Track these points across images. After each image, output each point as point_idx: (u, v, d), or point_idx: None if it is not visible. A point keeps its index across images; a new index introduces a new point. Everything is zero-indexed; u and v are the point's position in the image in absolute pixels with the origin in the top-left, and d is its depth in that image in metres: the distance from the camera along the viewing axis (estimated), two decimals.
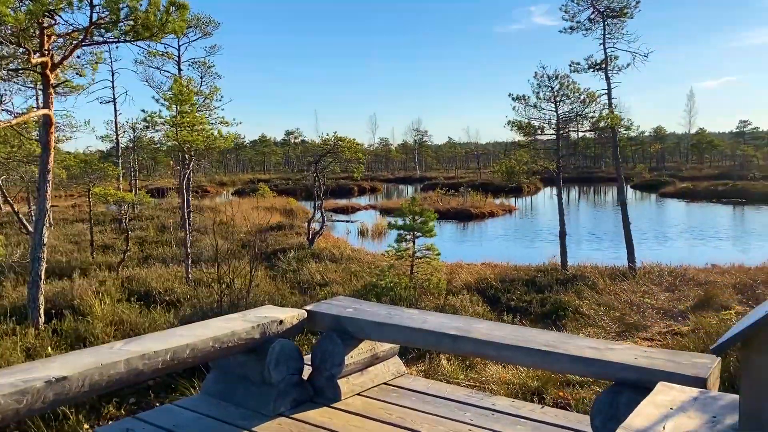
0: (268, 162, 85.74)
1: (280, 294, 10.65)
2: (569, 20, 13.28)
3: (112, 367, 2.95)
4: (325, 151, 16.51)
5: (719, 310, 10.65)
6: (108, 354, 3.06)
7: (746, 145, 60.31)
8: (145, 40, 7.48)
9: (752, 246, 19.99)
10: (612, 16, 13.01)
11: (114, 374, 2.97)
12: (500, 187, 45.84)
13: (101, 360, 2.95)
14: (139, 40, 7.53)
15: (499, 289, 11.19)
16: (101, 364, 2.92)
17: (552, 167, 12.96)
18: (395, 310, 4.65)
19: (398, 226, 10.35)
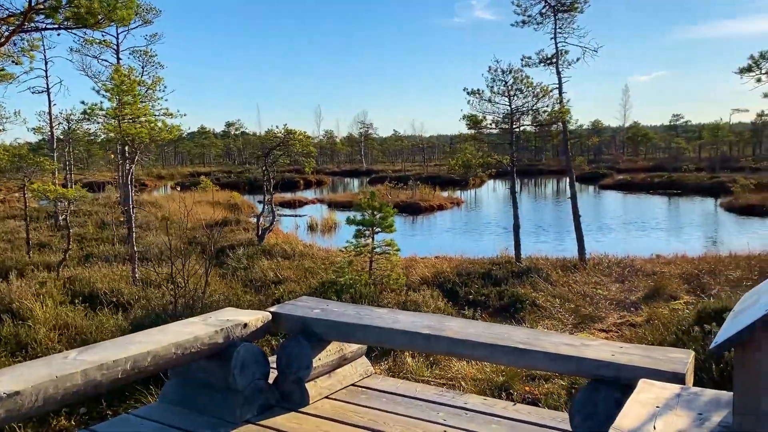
0: (208, 154, 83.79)
1: (234, 294, 10.31)
2: (521, 14, 13.37)
3: (67, 379, 2.71)
4: (274, 144, 16.12)
5: (669, 300, 10.96)
6: (62, 365, 2.82)
7: (679, 137, 62.78)
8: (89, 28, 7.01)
9: (691, 236, 20.77)
10: (563, 10, 13.15)
11: (70, 387, 2.73)
12: (447, 180, 46.24)
13: (55, 372, 2.71)
14: (82, 27, 7.06)
15: (456, 283, 11.17)
16: (56, 376, 2.68)
17: (506, 161, 13.03)
18: (364, 310, 4.51)
19: (357, 221, 10.16)
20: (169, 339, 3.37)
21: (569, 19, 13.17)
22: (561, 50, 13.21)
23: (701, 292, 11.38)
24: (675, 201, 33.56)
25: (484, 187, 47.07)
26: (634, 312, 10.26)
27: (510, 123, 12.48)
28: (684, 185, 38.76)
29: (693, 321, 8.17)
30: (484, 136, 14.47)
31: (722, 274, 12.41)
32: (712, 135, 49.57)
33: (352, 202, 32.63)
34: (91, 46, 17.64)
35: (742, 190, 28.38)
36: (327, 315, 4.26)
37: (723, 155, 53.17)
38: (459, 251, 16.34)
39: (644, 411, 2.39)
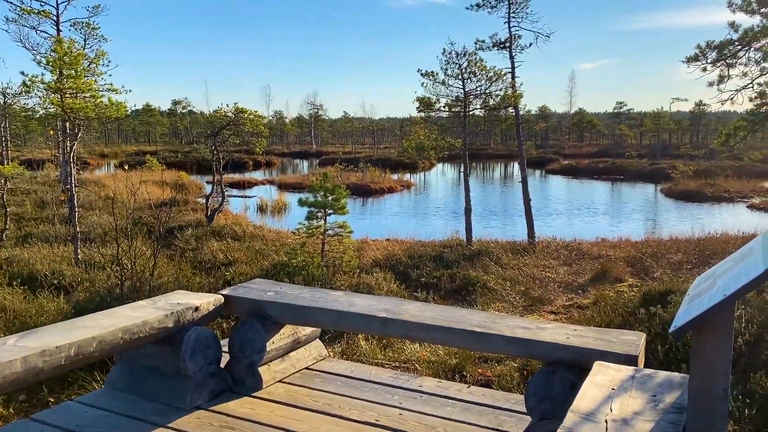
0: (154, 133, 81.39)
1: (183, 276, 10.05)
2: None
3: (6, 366, 2.58)
4: (224, 124, 15.72)
5: (614, 283, 11.28)
6: (1, 351, 2.68)
7: (623, 125, 64.57)
8: None
9: (633, 221, 21.43)
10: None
11: (9, 375, 2.60)
12: (397, 163, 46.28)
13: None
14: None
15: (408, 265, 11.19)
16: None
17: (458, 144, 13.07)
18: (319, 293, 4.45)
19: (309, 203, 10.02)
20: (116, 323, 3.24)
21: (523, 4, 13.25)
22: (514, 35, 13.30)
23: (645, 275, 11.75)
24: (618, 186, 34.55)
25: (433, 170, 47.37)
26: (582, 294, 10.52)
27: (464, 106, 12.50)
28: (627, 171, 39.92)
29: (638, 303, 8.42)
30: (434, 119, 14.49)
31: (664, 257, 12.84)
32: (653, 123, 51.23)
33: (303, 183, 32.45)
34: (29, 16, 16.73)
35: (681, 176, 29.42)
36: (281, 298, 4.20)
37: (663, 143, 55.04)
38: (410, 234, 16.38)
39: (600, 393, 2.44)
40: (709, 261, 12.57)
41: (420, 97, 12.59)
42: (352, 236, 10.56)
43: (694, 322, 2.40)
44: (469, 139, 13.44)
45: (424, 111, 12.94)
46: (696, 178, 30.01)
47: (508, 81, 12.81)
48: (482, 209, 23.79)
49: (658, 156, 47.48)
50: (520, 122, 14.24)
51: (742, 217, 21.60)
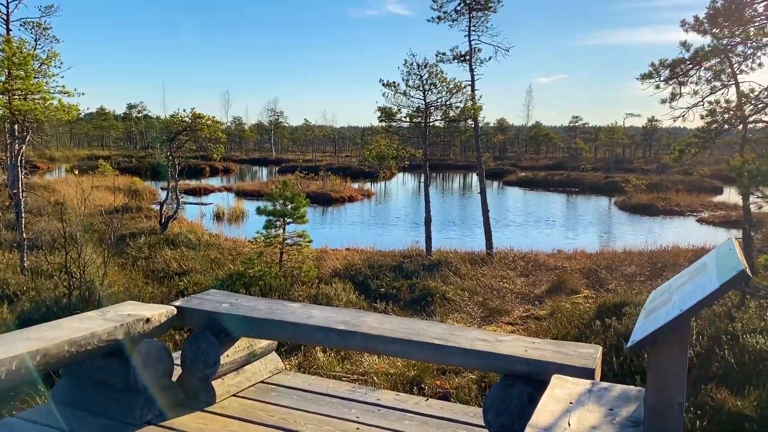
0: (108, 137, 79.39)
1: (135, 285, 9.76)
2: (437, 9, 13.45)
3: None
4: (181, 129, 15.41)
5: (570, 294, 11.44)
6: None
7: (579, 138, 66.05)
8: None
9: (588, 233, 21.85)
10: (477, 8, 13.35)
11: None
12: (358, 172, 46.22)
13: None
14: None
15: (368, 275, 11.12)
16: None
17: (419, 155, 13.10)
18: (276, 304, 4.36)
19: (268, 212, 9.86)
20: (62, 336, 3.09)
21: (483, 18, 13.41)
22: (474, 48, 13.44)
23: (599, 287, 11.96)
24: (574, 199, 35.25)
25: (394, 179, 47.51)
26: (539, 305, 10.62)
27: (424, 117, 12.54)
28: (582, 184, 40.77)
29: (594, 315, 8.55)
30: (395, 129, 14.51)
31: (618, 269, 13.10)
32: (608, 137, 52.56)
33: (262, 191, 32.06)
34: None
35: (634, 190, 30.18)
36: (237, 309, 4.10)
37: (617, 156, 56.45)
38: (370, 243, 16.33)
39: (558, 407, 2.43)
40: (661, 273, 12.89)
41: (381, 107, 12.60)
42: (311, 246, 10.43)
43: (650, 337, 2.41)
44: (430, 149, 13.48)
45: (385, 121, 12.95)
46: (648, 192, 30.84)
47: (468, 93, 12.94)
48: (441, 219, 23.93)
49: (612, 170, 48.67)
50: (479, 134, 14.37)
51: (692, 230, 22.26)
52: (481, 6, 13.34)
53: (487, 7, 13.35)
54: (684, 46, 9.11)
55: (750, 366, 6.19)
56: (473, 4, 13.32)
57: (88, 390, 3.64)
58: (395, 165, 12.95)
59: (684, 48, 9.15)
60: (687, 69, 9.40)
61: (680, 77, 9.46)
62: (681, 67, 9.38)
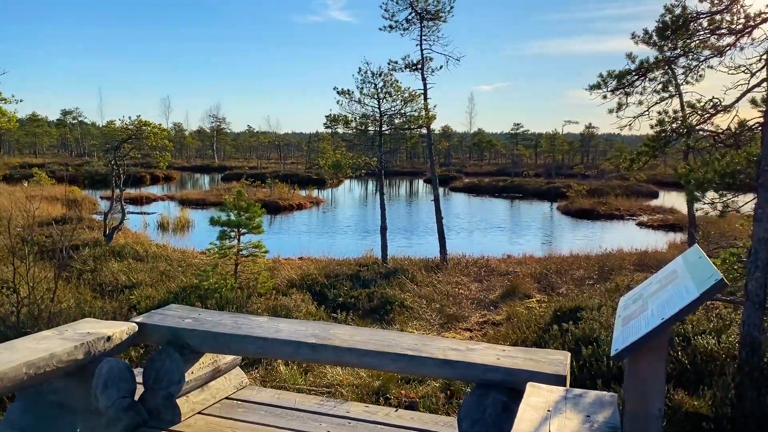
0: (40, 144, 76.22)
1: (83, 300, 9.38)
2: (388, 18, 13.50)
3: None
4: (126, 137, 14.93)
5: (523, 299, 11.65)
6: None
7: (521, 145, 67.61)
8: None
9: (535, 237, 22.34)
10: (428, 18, 13.49)
11: None
12: (305, 179, 45.96)
13: None
14: None
15: (325, 285, 11.03)
16: None
17: (374, 163, 13.11)
18: (241, 319, 4.28)
19: (222, 222, 9.64)
20: (18, 357, 2.94)
21: (434, 28, 13.55)
22: (426, 57, 13.56)
23: (551, 291, 12.23)
24: (518, 204, 36.00)
25: (341, 186, 47.43)
26: (494, 311, 10.77)
27: (379, 125, 12.55)
28: (525, 189, 41.70)
29: (550, 320, 8.72)
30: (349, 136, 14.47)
31: (567, 273, 13.44)
32: (549, 144, 54.00)
33: (206, 199, 31.45)
34: None
35: (576, 195, 31.04)
36: (201, 325, 4.00)
37: (557, 163, 58.03)
38: (324, 252, 16.21)
39: (537, 415, 2.48)
40: (608, 276, 13.30)
41: (335, 114, 12.56)
42: (267, 256, 10.25)
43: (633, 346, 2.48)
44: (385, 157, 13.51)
45: (339, 128, 12.91)
46: (589, 196, 31.80)
47: (422, 102, 13.03)
48: (393, 227, 23.91)
49: (553, 175, 50.02)
50: (432, 142, 14.50)
51: (633, 234, 23.08)
52: (431, 16, 13.47)
53: (438, 17, 13.50)
54: (630, 58, 9.39)
55: (702, 366, 6.43)
56: (424, 14, 13.45)
57: (45, 412, 3.50)
58: (352, 173, 12.91)
59: (630, 60, 9.44)
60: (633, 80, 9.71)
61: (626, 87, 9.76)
62: (627, 78, 9.68)
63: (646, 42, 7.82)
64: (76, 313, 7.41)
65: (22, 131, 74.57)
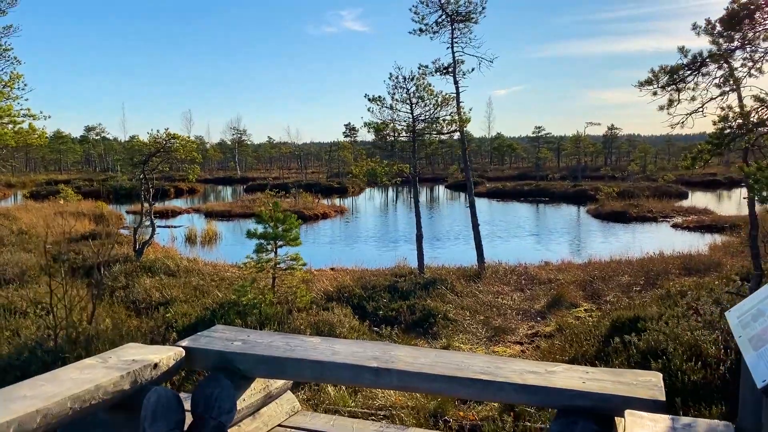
0: (65, 161, 77.15)
1: (119, 319, 9.11)
2: (418, 22, 13.17)
3: None
4: (154, 150, 14.74)
5: (570, 308, 11.17)
6: None
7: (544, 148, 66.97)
8: None
9: (570, 242, 21.78)
10: (459, 20, 13.12)
11: None
12: (326, 188, 45.81)
13: None
14: None
15: (363, 297, 10.66)
16: None
17: (408, 170, 12.73)
18: (294, 340, 3.92)
19: (258, 235, 9.32)
20: (63, 391, 2.63)
21: (465, 29, 13.17)
22: (458, 59, 13.17)
23: (597, 299, 11.73)
24: (546, 208, 35.35)
25: (362, 195, 47.18)
26: (542, 321, 10.31)
27: (413, 131, 12.19)
28: (551, 193, 41.04)
29: (607, 331, 8.25)
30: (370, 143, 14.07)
31: (612, 279, 12.92)
32: (574, 146, 53.21)
33: (232, 211, 31.34)
34: None
35: (605, 197, 30.36)
36: (251, 348, 3.66)
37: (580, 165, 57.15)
38: (354, 262, 15.86)
39: None
40: (655, 282, 12.75)
41: (368, 122, 12.20)
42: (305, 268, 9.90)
43: None
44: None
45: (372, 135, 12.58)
46: (619, 199, 31.11)
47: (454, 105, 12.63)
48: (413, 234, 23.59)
49: (579, 177, 49.25)
50: (466, 147, 14.10)
51: (670, 236, 22.40)
52: (462, 17, 13.11)
53: (469, 19, 13.13)
54: (682, 52, 8.96)
55: None
56: (455, 16, 13.09)
57: None
58: (387, 181, 12.54)
59: (682, 54, 9.00)
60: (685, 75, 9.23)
61: (678, 83, 9.28)
62: (679, 74, 9.20)
63: (710, 33, 7.37)
64: (113, 335, 7.12)
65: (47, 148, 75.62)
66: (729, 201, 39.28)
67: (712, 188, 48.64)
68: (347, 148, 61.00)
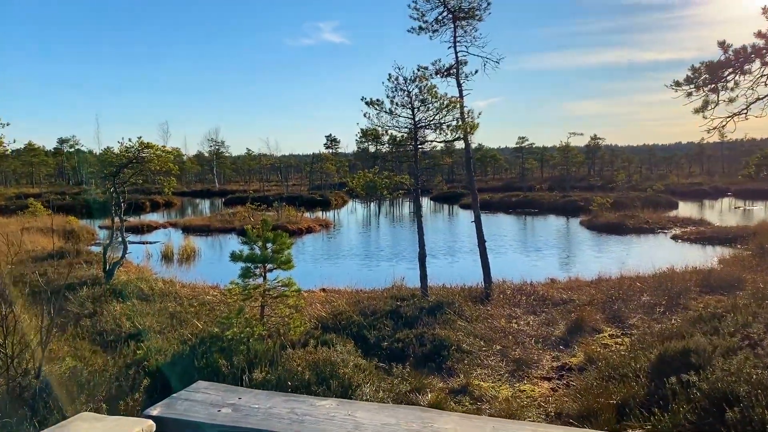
0: (37, 174, 74.66)
1: (79, 355, 7.78)
2: (418, 19, 12.07)
3: None
4: (126, 161, 13.38)
5: (593, 333, 10.04)
6: None
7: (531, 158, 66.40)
8: None
9: (569, 256, 20.73)
10: (462, 17, 12.04)
11: None
12: (309, 200, 44.45)
13: None
14: None
15: (363, 325, 9.44)
16: None
17: (408, 182, 11.56)
18: (301, 404, 2.65)
19: (245, 257, 8.05)
20: None
21: (469, 27, 12.09)
22: (461, 60, 12.07)
23: (620, 322, 10.63)
24: (536, 220, 34.37)
25: (345, 208, 45.92)
26: (566, 350, 9.17)
27: (414, 137, 11.02)
28: (540, 204, 40.16)
29: (653, 366, 7.13)
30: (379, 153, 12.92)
31: (630, 299, 11.84)
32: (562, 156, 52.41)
33: (210, 225, 29.89)
34: None
35: (599, 208, 29.45)
36: (244, 417, 2.40)
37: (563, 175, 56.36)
38: (347, 281, 14.63)
39: None
40: (678, 302, 11.71)
41: (364, 129, 11.00)
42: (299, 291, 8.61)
43: None
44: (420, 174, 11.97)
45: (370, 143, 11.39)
46: (612, 210, 30.24)
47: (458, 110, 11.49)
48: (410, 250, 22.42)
49: (568, 188, 48.50)
50: (470, 156, 12.98)
51: (672, 249, 21.49)
52: (465, 14, 12.03)
53: (473, 16, 12.06)
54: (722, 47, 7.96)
55: None
56: (457, 12, 12.01)
57: None
58: (388, 194, 11.34)
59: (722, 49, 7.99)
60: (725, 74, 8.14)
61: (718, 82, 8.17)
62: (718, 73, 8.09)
63: None
64: (70, 384, 5.80)
65: (18, 161, 73.14)
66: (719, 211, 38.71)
67: (698, 198, 48.25)
68: (330, 160, 59.71)
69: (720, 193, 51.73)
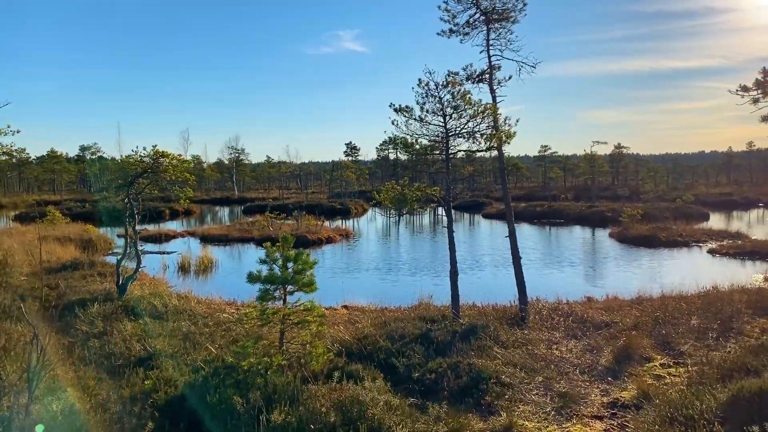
0: (59, 181, 75.02)
1: (82, 385, 7.10)
2: (448, 21, 11.31)
3: None
4: (140, 171, 12.76)
5: (642, 362, 9.14)
6: None
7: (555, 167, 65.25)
8: None
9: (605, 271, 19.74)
10: (495, 19, 11.27)
11: None
12: (329, 209, 43.81)
13: None
14: None
15: (390, 351, 8.66)
16: None
17: (438, 194, 10.76)
18: None
19: (263, 279, 7.31)
20: None
21: (503, 30, 11.31)
22: (494, 65, 11.29)
23: (670, 350, 9.73)
24: (563, 231, 33.28)
25: (364, 216, 45.19)
26: (614, 382, 8.30)
27: (445, 146, 10.24)
28: (565, 215, 39.05)
29: (725, 408, 6.26)
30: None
31: (678, 322, 10.92)
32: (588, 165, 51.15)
33: (229, 235, 29.29)
34: None
35: (629, 219, 28.34)
36: None
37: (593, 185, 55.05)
38: (370, 297, 13.87)
39: None
40: (731, 326, 10.78)
41: (392, 136, 10.26)
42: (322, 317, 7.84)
43: None
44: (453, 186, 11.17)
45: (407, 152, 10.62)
46: (645, 221, 29.10)
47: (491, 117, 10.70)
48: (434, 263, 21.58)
49: (594, 198, 47.30)
50: (504, 166, 12.17)
51: (714, 265, 20.41)
52: (499, 16, 11.25)
53: (507, 17, 11.29)
54: None
55: None
56: (491, 14, 11.23)
57: None
58: (419, 208, 10.57)
59: None
60: None
61: None
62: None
63: None
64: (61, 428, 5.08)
65: (40, 168, 73.57)
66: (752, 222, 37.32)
67: (728, 208, 46.78)
68: (349, 168, 59.09)
69: (751, 203, 50.15)
